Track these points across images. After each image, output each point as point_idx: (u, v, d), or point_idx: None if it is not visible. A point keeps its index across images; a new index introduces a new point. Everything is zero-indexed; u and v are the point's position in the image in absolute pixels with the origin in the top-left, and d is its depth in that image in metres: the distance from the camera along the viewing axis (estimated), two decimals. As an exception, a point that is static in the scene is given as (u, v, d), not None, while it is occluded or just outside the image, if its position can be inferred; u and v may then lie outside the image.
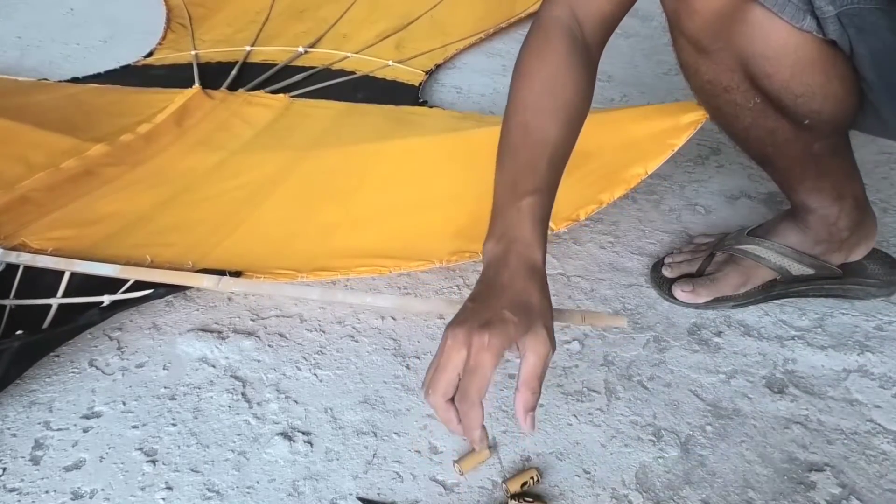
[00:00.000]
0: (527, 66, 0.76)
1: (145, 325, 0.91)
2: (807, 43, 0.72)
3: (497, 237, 0.68)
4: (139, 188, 1.11)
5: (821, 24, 0.70)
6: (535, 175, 0.69)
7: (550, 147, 0.71)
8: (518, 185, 0.69)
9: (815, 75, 0.73)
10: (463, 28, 1.77)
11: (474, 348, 0.58)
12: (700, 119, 0.91)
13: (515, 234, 0.66)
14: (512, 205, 0.68)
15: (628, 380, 0.84)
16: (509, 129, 0.73)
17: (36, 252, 0.93)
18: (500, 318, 0.59)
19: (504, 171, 0.72)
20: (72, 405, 0.80)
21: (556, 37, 0.76)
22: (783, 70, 0.74)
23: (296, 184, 1.12)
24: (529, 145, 0.71)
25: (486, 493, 0.71)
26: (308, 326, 0.91)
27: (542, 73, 0.74)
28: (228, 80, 1.50)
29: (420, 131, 1.27)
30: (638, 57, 1.63)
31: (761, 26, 0.72)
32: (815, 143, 0.81)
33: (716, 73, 0.78)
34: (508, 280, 0.63)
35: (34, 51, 1.73)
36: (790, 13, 0.70)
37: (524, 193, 0.68)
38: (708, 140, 1.30)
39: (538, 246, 0.66)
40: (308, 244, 0.99)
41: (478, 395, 0.57)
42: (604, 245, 1.06)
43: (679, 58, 0.82)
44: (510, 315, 0.59)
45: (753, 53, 0.74)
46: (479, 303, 0.62)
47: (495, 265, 0.66)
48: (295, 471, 0.74)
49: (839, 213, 0.88)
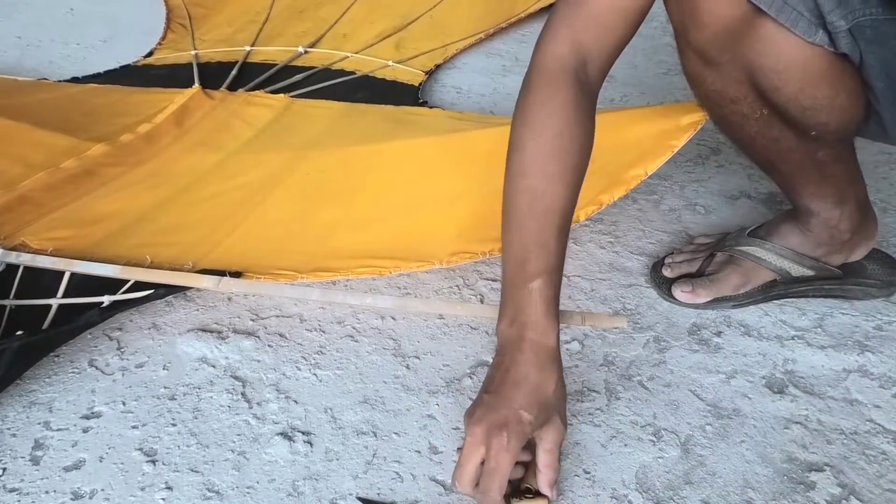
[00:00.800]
0: (532, 118, 0.74)
1: (145, 325, 0.91)
2: (817, 57, 0.71)
3: (510, 319, 0.70)
4: (139, 188, 1.11)
5: (832, 37, 0.69)
6: (546, 252, 0.70)
7: (559, 216, 0.71)
8: (528, 263, 0.70)
9: (823, 88, 0.73)
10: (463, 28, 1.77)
11: (493, 450, 0.63)
12: (700, 120, 0.91)
13: (528, 318, 0.69)
14: (523, 286, 0.70)
15: (628, 380, 0.84)
16: (515, 192, 0.73)
17: (36, 252, 0.93)
18: (518, 420, 0.64)
19: (512, 245, 0.72)
20: (72, 405, 0.80)
21: (563, 83, 0.74)
22: (792, 83, 0.73)
23: (296, 184, 1.12)
24: (538, 215, 0.71)
25: (486, 494, 0.71)
26: (308, 326, 0.91)
27: (549, 132, 0.73)
28: (228, 80, 1.50)
29: (420, 132, 1.27)
30: (638, 57, 1.63)
31: (772, 40, 0.71)
32: (820, 150, 0.81)
33: (722, 85, 0.78)
34: (524, 372, 0.67)
35: (34, 51, 1.73)
36: (803, 27, 0.69)
37: (535, 274, 0.69)
38: (708, 140, 1.30)
39: (552, 329, 0.69)
40: (308, 244, 0.99)
41: (499, 492, 0.64)
42: (604, 245, 1.06)
43: (685, 67, 0.81)
44: (527, 416, 0.64)
45: (762, 66, 0.73)
46: (495, 395, 0.66)
47: (510, 351, 0.69)
48: (295, 471, 0.74)
49: (841, 216, 0.88)
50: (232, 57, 1.63)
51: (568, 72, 0.74)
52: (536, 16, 1.81)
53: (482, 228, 0.95)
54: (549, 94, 0.74)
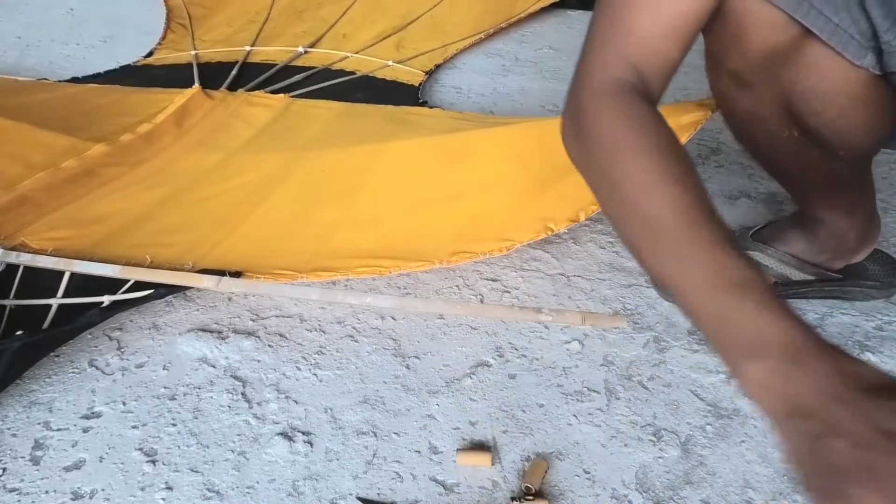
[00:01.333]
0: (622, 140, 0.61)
1: (145, 325, 0.91)
2: (861, 80, 0.69)
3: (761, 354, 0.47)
4: (139, 188, 1.11)
5: (883, 57, 0.67)
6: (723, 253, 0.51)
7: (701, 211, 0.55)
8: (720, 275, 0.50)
9: (861, 112, 0.71)
10: (463, 28, 1.77)
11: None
12: (700, 119, 0.91)
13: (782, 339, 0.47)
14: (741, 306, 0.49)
15: (628, 380, 0.84)
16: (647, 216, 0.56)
17: (36, 252, 0.93)
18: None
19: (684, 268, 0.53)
20: (72, 405, 0.80)
21: (636, 103, 0.63)
22: (832, 108, 0.71)
23: (295, 184, 1.12)
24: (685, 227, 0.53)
25: (486, 493, 0.71)
26: (308, 326, 0.91)
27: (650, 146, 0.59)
28: (228, 80, 1.50)
29: (420, 132, 1.27)
30: (638, 57, 1.63)
31: (818, 64, 0.68)
32: (841, 167, 0.80)
33: (755, 106, 0.75)
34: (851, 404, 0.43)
35: (34, 51, 1.73)
36: (853, 51, 0.66)
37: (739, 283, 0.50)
38: (708, 140, 1.30)
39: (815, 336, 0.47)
40: (308, 244, 0.99)
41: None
42: (604, 245, 1.06)
43: (714, 85, 0.78)
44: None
45: (804, 91, 0.71)
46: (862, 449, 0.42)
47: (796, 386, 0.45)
48: (295, 471, 0.74)
49: (850, 226, 0.88)
50: (232, 57, 1.63)
51: (634, 91, 0.64)
52: (536, 16, 1.81)
53: (482, 228, 0.95)
54: (628, 113, 0.62)
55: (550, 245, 1.05)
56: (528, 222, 0.93)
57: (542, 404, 0.81)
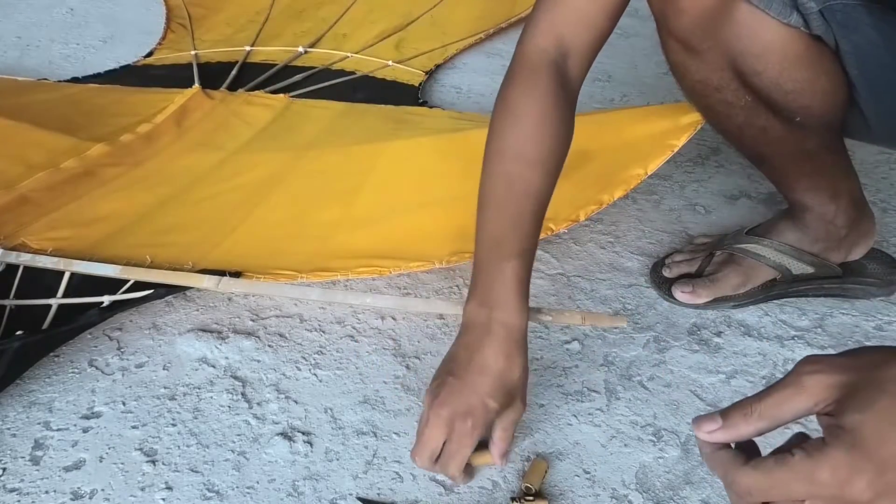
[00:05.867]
0: (513, 106, 0.75)
1: (145, 325, 0.91)
2: (794, 39, 0.72)
3: (479, 300, 0.71)
4: (139, 188, 1.11)
5: (806, 19, 0.71)
6: (521, 234, 0.71)
7: (534, 201, 0.72)
8: (503, 244, 0.71)
9: (803, 71, 0.74)
10: (463, 28, 1.76)
11: (456, 434, 0.66)
12: (700, 119, 0.91)
13: (500, 300, 0.70)
14: (496, 266, 0.70)
15: (628, 380, 0.84)
16: (493, 176, 0.73)
17: (36, 252, 0.93)
18: (484, 408, 0.66)
19: (487, 226, 0.72)
20: (72, 405, 0.80)
21: (544, 74, 0.75)
22: (772, 67, 0.74)
23: (295, 184, 1.12)
24: (514, 199, 0.72)
25: (486, 493, 0.71)
26: (308, 326, 0.91)
27: (529, 118, 0.74)
28: (228, 80, 1.50)
29: (420, 131, 1.27)
30: (638, 57, 1.63)
31: (748, 23, 0.72)
32: (808, 140, 0.81)
33: (706, 73, 0.78)
34: (493, 356, 0.68)
35: (34, 51, 1.73)
36: (777, 9, 0.70)
37: (510, 255, 0.70)
38: (708, 140, 1.30)
39: (522, 312, 0.71)
40: (308, 244, 0.99)
41: (458, 471, 0.67)
42: (604, 245, 1.06)
43: (668, 59, 0.82)
44: (493, 404, 0.67)
45: (742, 51, 0.74)
46: (461, 380, 0.67)
47: (478, 333, 0.69)
48: (295, 471, 0.74)
49: (836, 210, 0.89)
50: (232, 57, 1.63)
51: (549, 63, 0.75)
52: (536, 16, 1.81)
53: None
54: (530, 83, 0.75)
55: (550, 245, 1.05)
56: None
57: (543, 404, 0.81)
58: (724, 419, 0.43)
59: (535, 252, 0.73)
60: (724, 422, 0.43)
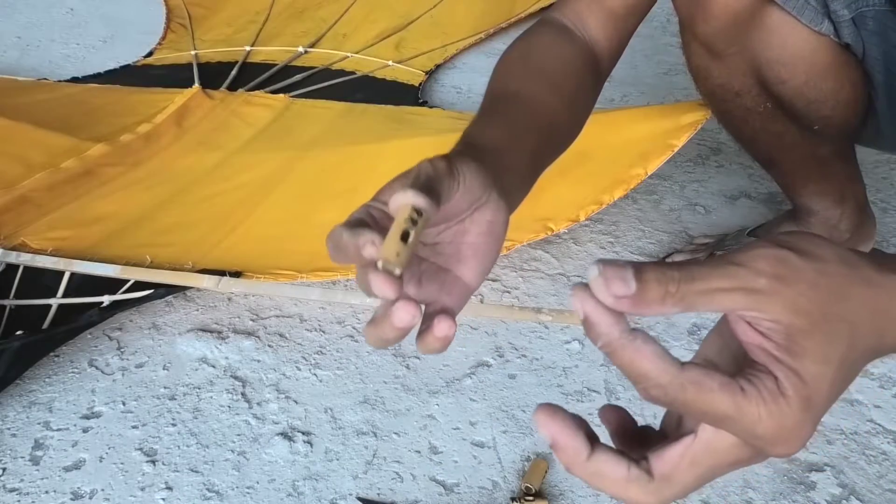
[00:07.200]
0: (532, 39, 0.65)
1: (145, 325, 0.91)
2: (823, 47, 0.71)
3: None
4: (139, 188, 1.11)
5: (836, 27, 0.70)
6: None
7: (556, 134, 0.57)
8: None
9: (828, 80, 0.73)
10: (463, 28, 1.76)
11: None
12: (700, 119, 0.91)
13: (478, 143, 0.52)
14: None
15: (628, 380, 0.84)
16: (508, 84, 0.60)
17: (36, 252, 0.93)
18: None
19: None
20: (72, 405, 0.80)
21: (550, 26, 0.65)
22: (798, 75, 0.73)
23: (295, 184, 1.12)
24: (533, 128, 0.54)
25: (486, 494, 0.71)
26: (308, 326, 0.91)
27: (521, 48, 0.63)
28: (228, 80, 1.50)
29: (420, 131, 1.27)
30: (638, 57, 1.63)
31: (779, 30, 0.71)
32: (822, 147, 0.81)
33: (728, 78, 0.78)
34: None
35: (34, 51, 1.73)
36: (809, 16, 0.69)
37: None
38: (708, 140, 1.29)
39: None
40: (308, 244, 0.98)
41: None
42: (604, 245, 1.06)
43: (689, 61, 0.81)
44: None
45: (769, 58, 0.73)
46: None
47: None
48: (295, 471, 0.74)
49: (841, 215, 0.88)
50: (232, 57, 1.62)
51: (575, 32, 0.64)
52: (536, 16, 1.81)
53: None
54: (555, 32, 0.64)
55: (550, 245, 1.05)
56: (528, 222, 0.93)
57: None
58: (638, 286, 0.31)
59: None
60: (637, 291, 0.31)
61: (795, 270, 0.31)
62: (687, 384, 0.32)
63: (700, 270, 0.31)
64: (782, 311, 0.31)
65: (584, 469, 0.34)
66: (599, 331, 0.33)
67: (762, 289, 0.31)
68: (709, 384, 0.32)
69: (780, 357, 0.31)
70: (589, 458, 0.34)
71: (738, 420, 0.31)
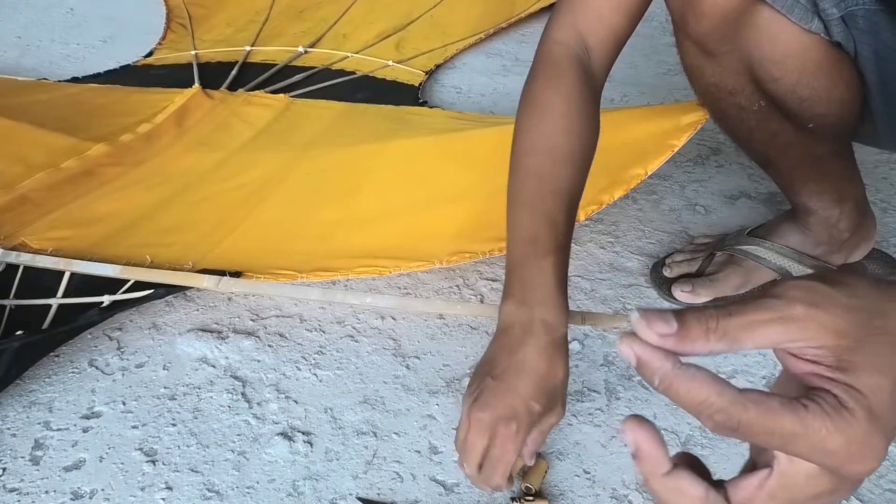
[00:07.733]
0: (538, 100, 0.73)
1: (145, 325, 0.91)
2: (814, 45, 0.71)
3: (518, 299, 0.66)
4: (139, 188, 1.11)
5: (826, 26, 0.70)
6: (556, 231, 0.68)
7: (567, 197, 0.69)
8: (538, 242, 0.67)
9: (821, 79, 0.73)
10: (463, 28, 1.77)
11: (499, 439, 0.62)
12: (700, 119, 0.91)
13: (539, 297, 0.65)
14: (534, 264, 0.66)
15: (628, 380, 0.84)
16: (522, 173, 0.71)
17: (36, 252, 0.93)
18: (528, 411, 0.62)
19: (521, 223, 0.69)
20: (72, 405, 0.80)
21: (567, 67, 0.73)
22: (790, 73, 0.73)
23: (295, 184, 1.12)
24: (547, 195, 0.69)
25: (485, 494, 0.71)
26: (308, 326, 0.91)
27: (554, 111, 0.72)
28: (228, 80, 1.50)
29: (420, 131, 1.27)
30: (638, 57, 1.63)
31: (769, 29, 0.71)
32: (819, 146, 0.81)
33: (721, 77, 0.78)
34: (535, 358, 0.64)
35: (34, 51, 1.73)
36: (798, 14, 0.70)
37: (546, 252, 0.66)
38: (708, 140, 1.30)
39: (564, 310, 0.66)
40: (308, 244, 0.99)
41: (503, 479, 0.63)
42: (604, 245, 1.06)
43: (683, 61, 0.81)
44: (536, 407, 0.63)
45: (761, 56, 0.73)
46: (501, 382, 0.63)
47: (519, 333, 0.65)
48: (295, 471, 0.74)
49: (840, 215, 0.88)
50: (232, 57, 1.63)
51: (572, 58, 0.74)
52: (536, 16, 1.81)
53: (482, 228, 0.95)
54: (555, 77, 0.73)
55: (550, 245, 1.05)
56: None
57: (542, 404, 0.81)
58: (679, 325, 0.32)
59: (570, 249, 0.69)
60: (679, 329, 0.32)
61: (828, 297, 0.32)
62: (748, 403, 0.32)
63: (736, 306, 0.32)
64: (824, 335, 0.32)
65: (663, 483, 0.34)
66: (653, 367, 0.33)
67: (799, 316, 0.32)
68: (770, 403, 0.32)
69: (833, 377, 0.32)
70: (668, 473, 0.33)
71: (805, 436, 0.31)
